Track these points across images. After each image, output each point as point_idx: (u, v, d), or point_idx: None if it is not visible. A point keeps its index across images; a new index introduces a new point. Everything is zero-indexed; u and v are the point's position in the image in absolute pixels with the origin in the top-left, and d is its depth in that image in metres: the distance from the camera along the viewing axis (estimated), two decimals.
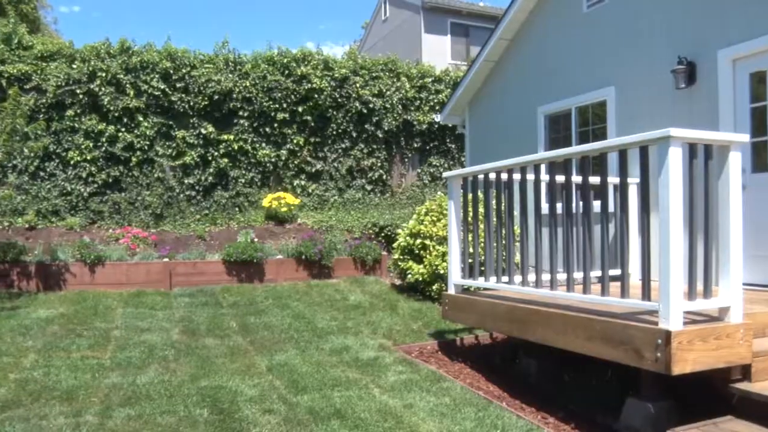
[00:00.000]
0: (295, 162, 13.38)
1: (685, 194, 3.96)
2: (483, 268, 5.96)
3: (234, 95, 12.73)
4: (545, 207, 5.33)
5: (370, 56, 15.24)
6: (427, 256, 8.24)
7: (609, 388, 5.16)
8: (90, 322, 7.24)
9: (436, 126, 14.55)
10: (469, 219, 6.21)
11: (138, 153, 12.09)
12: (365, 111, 13.91)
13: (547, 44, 9.17)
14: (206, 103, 12.53)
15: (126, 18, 71.46)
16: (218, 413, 4.58)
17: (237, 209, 12.85)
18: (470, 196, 6.14)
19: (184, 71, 12.41)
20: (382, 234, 11.61)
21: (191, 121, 12.52)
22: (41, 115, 11.36)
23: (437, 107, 14.45)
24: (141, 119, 12.06)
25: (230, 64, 12.92)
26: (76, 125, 11.76)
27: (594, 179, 4.77)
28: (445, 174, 6.44)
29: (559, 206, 4.95)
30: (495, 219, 5.78)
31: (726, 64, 6.51)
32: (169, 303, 8.31)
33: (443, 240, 8.05)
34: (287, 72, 13.23)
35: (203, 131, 12.54)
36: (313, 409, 4.65)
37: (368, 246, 10.46)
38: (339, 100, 13.65)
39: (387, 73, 14.35)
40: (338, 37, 76.23)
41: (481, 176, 5.92)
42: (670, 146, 3.80)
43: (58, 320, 7.27)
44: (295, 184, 13.37)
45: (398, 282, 9.63)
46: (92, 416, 4.50)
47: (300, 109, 13.26)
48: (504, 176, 5.66)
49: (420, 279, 8.33)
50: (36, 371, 5.49)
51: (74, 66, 11.79)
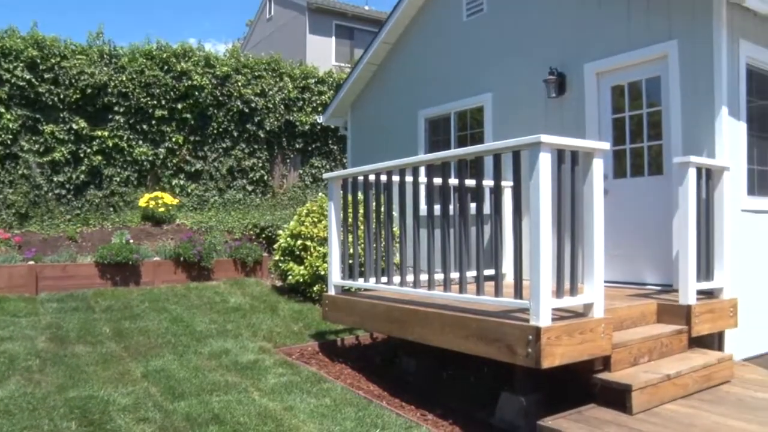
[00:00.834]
0: (174, 161, 12.92)
1: (554, 197, 4.18)
2: (363, 269, 6.02)
3: (109, 89, 12.09)
4: (424, 209, 5.45)
5: (254, 55, 15.00)
6: (308, 258, 8.22)
7: (485, 384, 5.35)
8: None
9: (319, 127, 14.54)
10: (350, 220, 6.25)
11: None
12: (247, 110, 13.67)
13: (429, 50, 9.41)
14: (78, 97, 11.79)
15: None
16: (88, 425, 4.33)
17: (111, 209, 12.23)
18: (351, 198, 6.18)
19: (54, 61, 11.60)
20: (263, 235, 11.46)
21: (61, 116, 11.72)
22: None
23: (320, 108, 14.45)
24: (3, 111, 11.15)
25: (105, 57, 12.24)
26: None
27: (471, 182, 4.94)
28: (326, 175, 6.45)
29: (438, 208, 5.08)
30: (375, 220, 5.85)
31: (591, 77, 6.95)
32: (35, 309, 7.76)
33: (324, 241, 8.05)
34: (167, 68, 12.75)
35: (75, 126, 11.78)
36: (191, 416, 4.51)
37: (249, 247, 10.29)
38: (220, 99, 13.32)
39: (270, 73, 14.17)
40: (222, 35, 74.51)
41: (361, 178, 5.97)
42: (541, 152, 4.00)
43: None
44: (174, 184, 12.91)
45: (279, 283, 9.53)
46: None
47: (179, 107, 12.82)
48: (384, 178, 5.74)
49: (301, 280, 8.29)
50: None
51: None
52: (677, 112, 6.12)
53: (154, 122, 12.64)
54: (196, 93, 12.96)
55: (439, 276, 5.14)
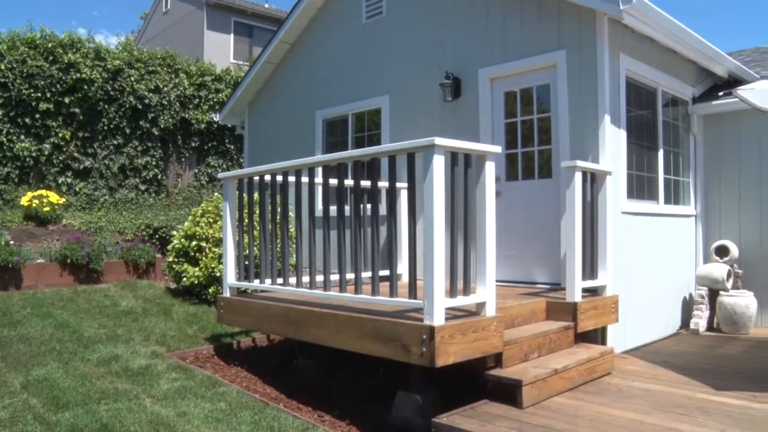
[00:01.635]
0: (61, 158, 12.25)
1: (448, 199, 4.26)
2: (259, 270, 5.94)
3: None
4: (320, 209, 5.44)
5: (149, 49, 14.46)
6: (203, 259, 8.01)
7: (383, 383, 5.39)
8: None
9: (215, 126, 14.22)
10: (245, 221, 6.15)
11: None
12: (140, 106, 13.17)
13: (328, 51, 9.40)
14: None
15: None
16: None
17: None
18: (247, 198, 6.09)
19: None
20: (157, 236, 11.05)
21: None
22: None
23: (217, 107, 14.12)
24: None
25: None
26: None
27: (366, 183, 4.97)
28: (221, 175, 6.31)
29: (334, 209, 5.08)
30: (271, 221, 5.78)
31: (485, 82, 7.16)
32: None
33: (220, 242, 7.86)
34: (52, 58, 12.06)
35: None
36: (76, 427, 4.28)
37: (141, 248, 9.89)
38: (112, 94, 12.76)
39: (165, 69, 13.72)
40: (114, 26, 71.27)
41: (257, 178, 5.89)
42: (435, 154, 4.07)
43: None
44: (61, 182, 12.24)
45: (173, 286, 9.23)
46: None
47: (67, 101, 12.17)
48: (280, 178, 5.69)
49: (196, 282, 8.06)
50: None
51: None
52: (565, 119, 6.42)
53: (38, 116, 11.94)
54: (85, 87, 12.36)
55: (335, 277, 5.14)
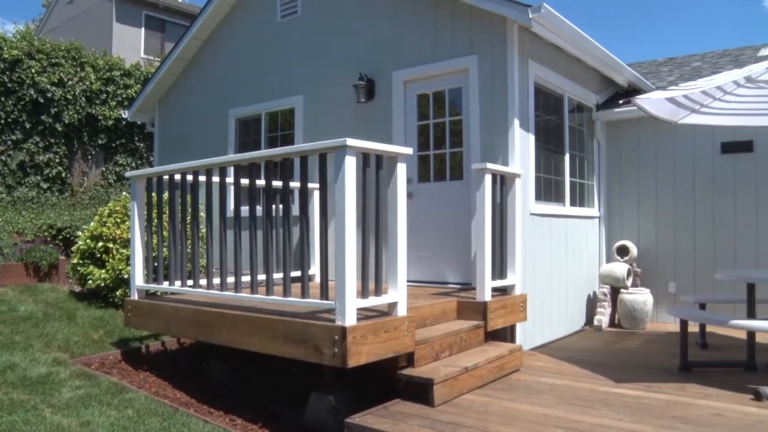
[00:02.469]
0: None
1: (360, 200, 4.29)
2: (168, 272, 5.78)
3: None
4: (231, 210, 5.35)
5: (51, 40, 13.80)
6: (110, 261, 7.71)
7: (296, 385, 5.36)
8: None
9: (124, 123, 13.72)
10: (154, 221, 5.97)
11: None
12: (42, 100, 12.55)
13: (242, 49, 9.25)
14: None
15: None
16: None
17: None
18: (156, 198, 5.92)
19: None
20: (61, 237, 10.57)
21: None
22: None
23: (126, 103, 13.64)
24: None
25: None
26: None
27: (279, 183, 4.93)
28: (129, 173, 6.11)
29: (246, 209, 5.01)
30: (181, 221, 5.64)
31: (399, 85, 7.23)
32: None
33: (128, 243, 7.59)
34: None
35: None
36: None
37: (43, 250, 9.43)
38: (9, 86, 12.10)
39: (70, 61, 13.13)
40: (11, 13, 67.42)
41: (167, 177, 5.73)
42: (346, 155, 4.08)
43: None
44: None
45: (78, 289, 8.85)
46: None
47: None
48: (190, 178, 5.56)
49: (102, 285, 7.75)
50: None
51: None
52: (476, 122, 6.57)
53: None
54: None
55: (248, 278, 5.07)
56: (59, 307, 7.88)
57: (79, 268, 8.12)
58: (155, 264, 5.94)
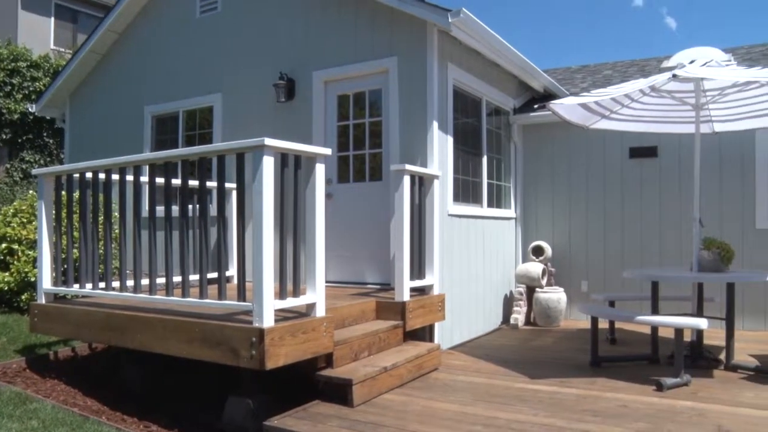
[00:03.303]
0: None
1: (278, 200, 4.25)
2: (78, 274, 5.56)
3: None
4: (147, 210, 5.19)
5: None
6: (15, 263, 7.35)
7: (214, 389, 5.26)
8: None
9: (32, 117, 13.10)
10: (64, 221, 5.73)
11: None
12: None
13: (159, 44, 8.99)
14: None
15: None
16: None
17: None
18: (66, 197, 5.68)
19: None
20: None
21: None
22: None
23: (34, 96, 13.02)
24: None
25: None
26: None
27: (196, 183, 4.82)
28: (36, 171, 5.83)
29: (161, 209, 4.88)
30: (93, 221, 5.43)
31: (319, 85, 7.21)
32: None
33: (35, 244, 7.26)
34: None
35: None
36: None
37: None
38: None
39: None
40: None
41: (78, 175, 5.51)
42: (264, 155, 4.04)
43: None
44: None
45: None
46: None
47: None
48: (102, 176, 5.37)
49: (6, 288, 7.37)
50: None
51: None
52: (396, 123, 6.62)
53: None
54: None
55: (163, 280, 4.94)
56: None
57: None
58: (65, 266, 5.69)
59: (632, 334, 7.20)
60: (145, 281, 5.08)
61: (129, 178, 5.20)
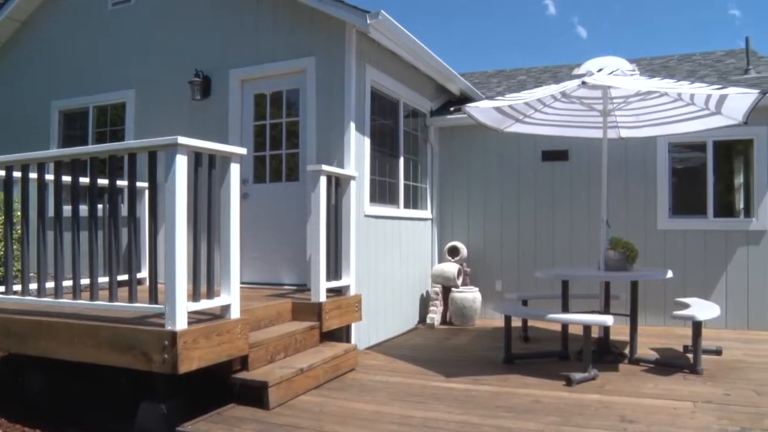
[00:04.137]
0: None
1: (191, 200, 4.16)
2: None
3: None
4: (52, 209, 4.97)
5: None
6: None
7: (125, 395, 5.08)
8: None
9: None
10: None
11: None
12: None
13: (67, 35, 8.59)
14: None
15: None
16: None
17: None
18: None
19: None
20: None
21: None
22: None
23: None
24: None
25: None
26: None
27: (105, 182, 4.64)
28: None
29: (69, 209, 4.68)
30: None
31: (236, 83, 7.10)
32: None
33: None
34: None
35: None
36: None
37: None
38: None
39: None
40: None
41: None
42: (177, 153, 3.94)
43: None
44: None
45: None
46: None
47: None
48: (2, 173, 5.09)
49: None
50: None
51: None
52: (313, 124, 6.60)
53: None
54: None
55: (68, 283, 4.73)
56: None
57: None
58: None
59: (544, 332, 7.44)
60: (51, 284, 4.86)
61: (33, 176, 4.95)
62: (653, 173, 8.11)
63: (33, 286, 5.00)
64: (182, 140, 3.94)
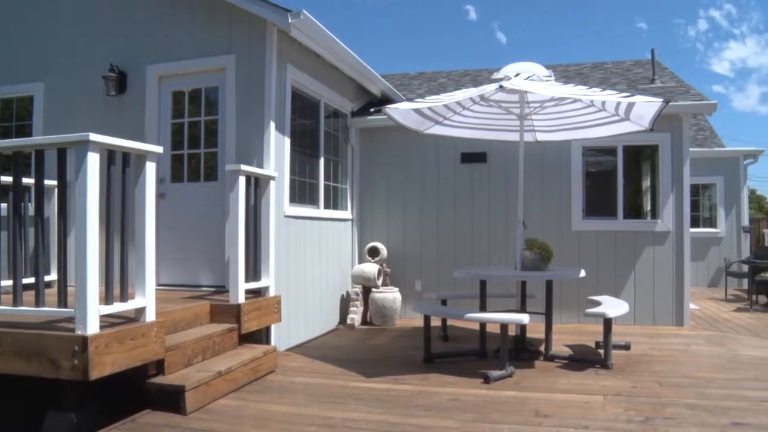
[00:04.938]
0: None
1: (104, 200, 4.01)
2: None
3: None
4: None
5: None
6: None
7: (32, 405, 4.83)
8: None
9: None
10: None
11: None
12: None
13: None
14: None
15: None
16: None
17: None
18: None
19: None
20: None
21: None
22: None
23: None
24: None
25: None
26: None
27: (9, 179, 4.42)
28: None
29: None
30: None
31: (153, 79, 6.89)
32: None
33: None
34: None
35: None
36: None
37: None
38: None
39: None
40: None
41: None
42: (89, 151, 3.79)
43: None
44: None
45: None
46: None
47: None
48: None
49: None
50: None
51: None
52: (232, 123, 6.49)
53: None
54: None
55: None
56: None
57: None
58: None
59: (463, 331, 7.57)
60: None
61: None
62: (568, 176, 8.42)
63: None
64: (94, 137, 3.79)
